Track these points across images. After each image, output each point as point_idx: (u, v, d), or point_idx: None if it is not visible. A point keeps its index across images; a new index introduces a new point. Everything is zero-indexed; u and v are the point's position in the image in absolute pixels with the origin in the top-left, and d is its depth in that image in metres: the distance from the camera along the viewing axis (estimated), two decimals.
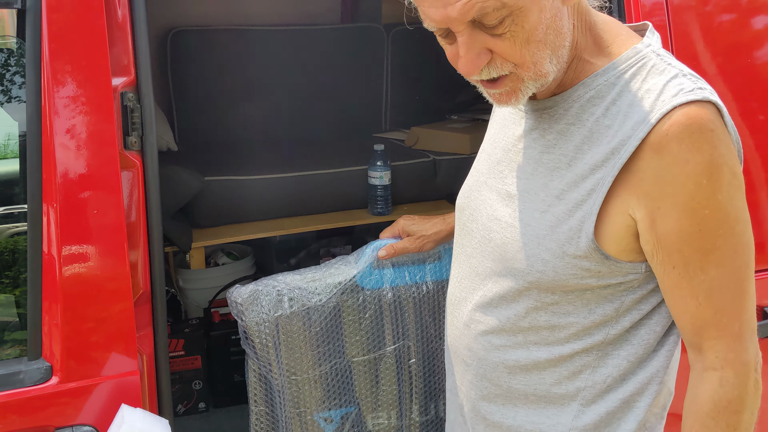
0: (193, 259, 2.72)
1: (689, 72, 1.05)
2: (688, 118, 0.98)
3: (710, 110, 0.99)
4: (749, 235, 1.05)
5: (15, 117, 1.52)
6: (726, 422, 1.08)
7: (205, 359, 2.58)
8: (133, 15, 1.36)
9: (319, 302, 1.53)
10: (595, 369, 1.16)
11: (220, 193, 2.54)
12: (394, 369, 1.63)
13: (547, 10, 0.99)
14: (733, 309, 1.04)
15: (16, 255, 1.52)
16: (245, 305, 1.49)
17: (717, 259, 1.02)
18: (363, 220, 2.69)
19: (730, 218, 1.02)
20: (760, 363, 1.09)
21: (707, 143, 0.98)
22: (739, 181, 1.03)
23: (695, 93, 0.99)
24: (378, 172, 2.61)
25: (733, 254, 1.02)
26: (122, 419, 1.27)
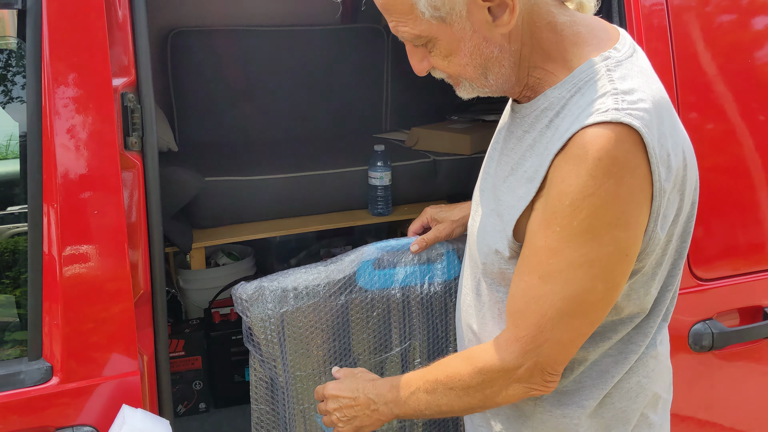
0: (193, 259, 2.72)
1: (625, 89, 1.04)
2: (584, 141, 1.01)
3: (616, 135, 1.00)
4: (582, 272, 1.05)
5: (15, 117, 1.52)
6: (445, 389, 1.19)
7: (205, 360, 2.58)
8: (134, 15, 1.36)
9: (326, 298, 1.52)
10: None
11: (221, 193, 2.54)
12: (399, 369, 1.63)
13: (467, 41, 1.09)
14: (534, 321, 1.09)
15: (16, 255, 1.52)
16: (250, 301, 1.48)
17: (545, 275, 1.07)
18: (363, 220, 2.69)
19: (570, 248, 1.05)
20: (524, 382, 1.13)
21: (588, 172, 1.01)
22: (599, 217, 1.02)
23: (608, 114, 1.00)
24: (378, 173, 2.61)
25: (562, 279, 1.06)
26: (123, 420, 1.27)
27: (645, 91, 1.05)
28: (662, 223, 1.08)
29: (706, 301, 1.71)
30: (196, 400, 2.58)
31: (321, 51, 3.41)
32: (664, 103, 1.08)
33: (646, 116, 1.01)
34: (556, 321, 1.08)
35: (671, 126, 1.08)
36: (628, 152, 1.00)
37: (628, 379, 1.22)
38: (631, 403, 1.23)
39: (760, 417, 1.86)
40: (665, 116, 1.06)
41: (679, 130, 1.12)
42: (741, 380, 1.80)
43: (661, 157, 1.03)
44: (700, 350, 1.69)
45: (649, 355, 1.23)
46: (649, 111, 1.02)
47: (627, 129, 1.00)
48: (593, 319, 1.11)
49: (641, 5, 1.62)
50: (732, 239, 1.76)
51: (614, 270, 1.06)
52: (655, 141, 1.02)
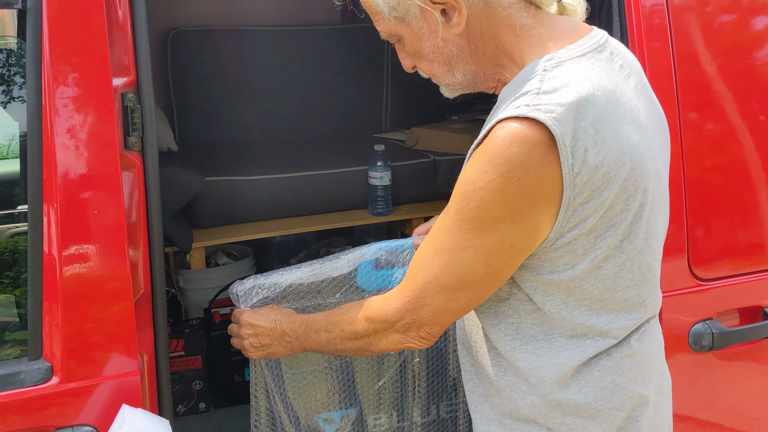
0: (193, 259, 2.72)
1: (549, 88, 1.08)
2: (490, 136, 1.09)
3: (516, 134, 1.05)
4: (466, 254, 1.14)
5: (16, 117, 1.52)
6: (339, 331, 1.33)
7: (205, 359, 2.58)
8: (134, 15, 1.36)
9: (322, 298, 1.53)
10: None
11: (221, 193, 2.54)
12: (397, 368, 1.63)
13: (426, 40, 1.20)
14: (419, 285, 1.20)
15: (16, 255, 1.52)
16: (246, 298, 1.48)
17: (436, 249, 1.18)
18: (363, 220, 2.69)
19: (458, 231, 1.14)
20: (400, 334, 1.25)
21: (481, 166, 1.09)
22: (484, 209, 1.10)
23: (519, 109, 1.06)
24: (378, 173, 2.61)
25: (448, 245, 1.15)
26: (123, 419, 1.27)
27: (572, 89, 1.08)
28: (576, 216, 1.10)
29: (706, 301, 1.71)
30: (195, 400, 2.58)
31: (321, 51, 3.41)
32: (599, 103, 1.09)
33: (559, 110, 1.05)
34: (437, 290, 1.18)
35: (605, 125, 1.09)
36: (521, 153, 1.05)
37: (601, 377, 1.23)
38: (606, 402, 1.23)
39: (761, 417, 1.86)
40: (594, 115, 1.08)
41: (623, 131, 1.12)
42: (741, 380, 1.80)
43: (574, 151, 1.06)
44: (700, 350, 1.69)
45: (622, 353, 1.23)
46: (566, 106, 1.06)
47: (533, 126, 1.05)
48: (473, 296, 1.20)
49: (641, 5, 1.62)
50: (732, 239, 1.76)
51: (496, 258, 1.14)
52: (567, 134, 1.05)
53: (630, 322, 1.23)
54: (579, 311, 1.20)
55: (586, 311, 1.20)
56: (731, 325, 1.74)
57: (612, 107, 1.12)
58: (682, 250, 1.66)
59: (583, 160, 1.07)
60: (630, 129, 1.14)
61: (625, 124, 1.14)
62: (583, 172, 1.08)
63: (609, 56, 1.19)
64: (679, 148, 1.64)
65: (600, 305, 1.20)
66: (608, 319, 1.21)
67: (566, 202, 1.09)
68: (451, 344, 1.66)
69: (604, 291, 1.19)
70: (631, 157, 1.12)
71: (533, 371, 1.23)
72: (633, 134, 1.15)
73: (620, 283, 1.20)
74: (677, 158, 1.64)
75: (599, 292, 1.19)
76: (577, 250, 1.14)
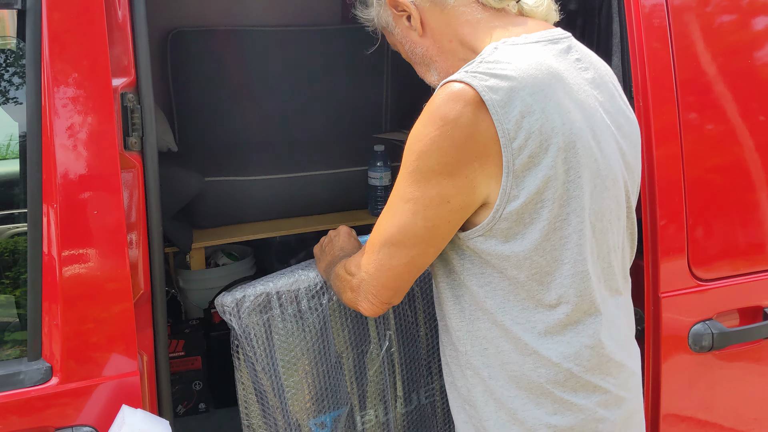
0: (193, 259, 2.72)
1: (491, 60, 1.18)
2: (433, 96, 1.18)
3: (452, 93, 1.15)
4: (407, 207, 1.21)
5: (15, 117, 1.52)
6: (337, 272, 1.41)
7: (205, 360, 2.58)
8: (133, 15, 1.36)
9: (308, 301, 1.54)
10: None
11: (221, 193, 2.54)
12: (378, 360, 1.64)
13: (403, 44, 1.39)
14: (371, 241, 1.28)
15: (16, 255, 1.52)
16: (234, 310, 1.49)
17: (387, 205, 1.26)
18: (363, 220, 2.69)
19: (402, 185, 1.22)
20: (354, 292, 1.32)
21: (421, 122, 1.18)
22: (422, 160, 1.17)
23: (458, 74, 1.17)
24: (378, 173, 2.61)
25: (398, 188, 1.23)
26: (123, 420, 1.27)
27: (514, 63, 1.17)
28: (520, 183, 1.16)
29: (705, 301, 1.71)
30: (195, 401, 2.58)
31: (321, 51, 3.41)
32: (540, 77, 1.17)
33: (493, 80, 1.14)
34: (383, 244, 1.25)
35: (544, 96, 1.16)
36: (455, 110, 1.14)
37: (558, 362, 1.26)
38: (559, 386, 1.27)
39: (761, 417, 1.86)
40: (533, 86, 1.16)
41: (564, 106, 1.19)
42: (741, 381, 1.80)
43: (508, 116, 1.13)
44: (700, 351, 1.69)
45: (582, 343, 1.26)
46: (501, 77, 1.15)
47: (467, 89, 1.14)
48: (414, 254, 1.24)
49: (641, 5, 1.61)
50: (732, 239, 1.76)
51: (434, 212, 1.19)
52: (500, 100, 1.13)
53: (580, 298, 1.25)
54: (530, 284, 1.23)
55: (536, 285, 1.23)
56: (731, 325, 1.74)
57: (555, 83, 1.19)
58: (681, 251, 1.66)
59: (518, 126, 1.14)
60: (572, 107, 1.20)
61: (567, 101, 1.20)
62: (520, 137, 1.14)
63: (565, 48, 1.28)
64: (679, 148, 1.64)
65: (550, 278, 1.23)
66: (557, 293, 1.24)
67: (507, 166, 1.15)
68: (422, 328, 1.67)
69: (553, 263, 1.23)
70: (572, 131, 1.18)
71: (491, 344, 1.27)
72: (576, 112, 1.20)
73: (567, 256, 1.23)
74: (677, 158, 1.64)
75: (548, 263, 1.22)
76: (525, 219, 1.19)
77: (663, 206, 1.62)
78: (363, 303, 1.31)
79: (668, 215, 1.63)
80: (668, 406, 1.69)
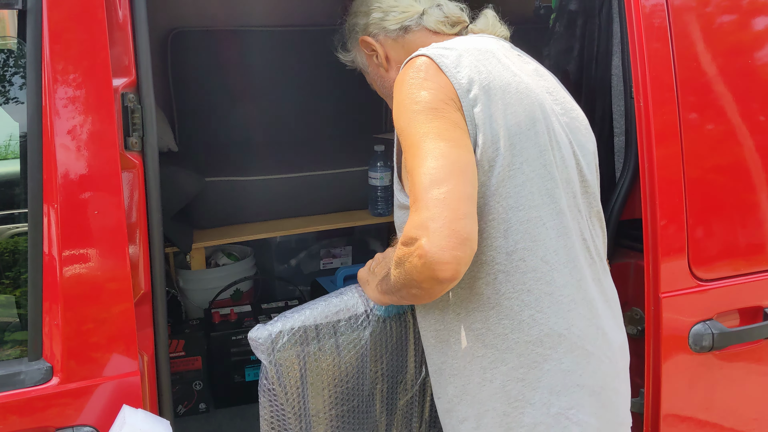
0: (193, 259, 2.72)
1: (439, 44, 1.37)
2: (398, 74, 1.36)
3: (411, 62, 1.34)
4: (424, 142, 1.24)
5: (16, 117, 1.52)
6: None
7: (205, 360, 2.58)
8: (134, 15, 1.36)
9: (349, 335, 1.44)
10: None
11: (221, 193, 2.54)
12: (411, 391, 1.58)
13: (375, 81, 1.64)
14: (414, 194, 1.23)
15: (16, 255, 1.52)
16: (268, 347, 1.39)
17: (407, 156, 1.27)
18: (363, 221, 2.69)
19: (405, 130, 1.28)
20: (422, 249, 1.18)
21: (401, 79, 1.33)
22: (413, 109, 1.28)
23: (417, 52, 1.36)
24: (378, 173, 2.61)
25: (408, 144, 1.27)
26: (123, 420, 1.27)
27: (457, 43, 1.37)
28: (477, 127, 1.28)
29: (706, 301, 1.71)
30: (196, 401, 2.58)
31: (321, 51, 3.40)
32: (484, 49, 1.36)
33: (442, 50, 1.33)
34: (428, 185, 1.20)
35: (488, 63, 1.33)
36: (419, 69, 1.31)
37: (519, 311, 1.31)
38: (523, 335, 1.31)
39: (761, 418, 1.86)
40: (477, 55, 1.34)
41: (510, 70, 1.35)
42: (741, 381, 1.80)
43: (459, 74, 1.30)
44: (701, 351, 1.69)
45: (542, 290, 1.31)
46: (451, 49, 1.34)
47: (423, 57, 1.33)
48: (457, 174, 1.21)
49: (641, 6, 1.62)
50: (732, 239, 1.76)
51: (450, 133, 1.25)
52: (451, 63, 1.31)
53: (534, 243, 1.29)
54: (487, 234, 1.28)
55: (494, 233, 1.28)
56: (731, 325, 1.74)
57: (497, 57, 1.36)
58: (682, 251, 1.66)
59: (470, 80, 1.29)
60: (515, 73, 1.35)
61: (512, 67, 1.36)
62: (474, 89, 1.29)
63: (509, 45, 1.47)
64: (678, 148, 1.64)
65: (506, 226, 1.28)
66: (514, 240, 1.28)
67: (467, 114, 1.28)
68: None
69: (509, 210, 1.28)
70: (518, 89, 1.32)
71: (461, 303, 1.33)
72: (522, 76, 1.35)
73: (522, 203, 1.28)
74: (677, 158, 1.64)
75: (504, 210, 1.28)
76: (484, 165, 1.28)
77: (663, 206, 1.62)
78: (441, 255, 1.15)
79: (668, 215, 1.63)
80: (668, 406, 1.69)
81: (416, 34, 1.50)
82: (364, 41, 1.55)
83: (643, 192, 1.62)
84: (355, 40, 1.60)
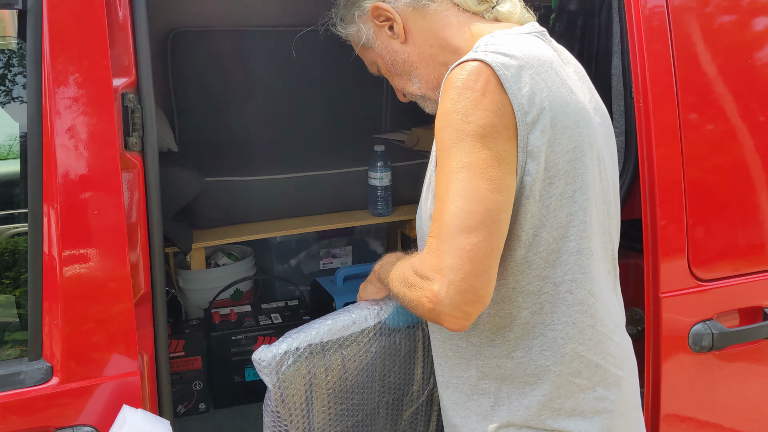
0: (193, 259, 2.72)
1: (495, 43, 1.22)
2: (449, 76, 1.20)
3: (470, 68, 1.17)
4: (462, 175, 1.15)
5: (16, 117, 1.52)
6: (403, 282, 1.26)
7: (205, 360, 2.58)
8: (134, 15, 1.36)
9: (357, 350, 1.42)
10: None
11: (221, 193, 2.54)
12: (417, 402, 1.57)
13: (385, 56, 1.42)
14: (435, 234, 1.17)
15: (16, 255, 1.52)
16: (272, 368, 1.35)
17: (439, 193, 1.19)
18: (363, 221, 2.69)
19: (448, 160, 1.17)
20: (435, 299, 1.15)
21: (447, 96, 1.18)
22: (462, 129, 1.16)
23: (470, 55, 1.20)
24: (378, 173, 2.61)
25: (446, 168, 1.17)
26: (123, 420, 1.27)
27: (515, 48, 1.21)
28: (531, 157, 1.18)
29: (706, 301, 1.71)
30: (195, 401, 2.58)
31: (321, 51, 3.41)
32: (543, 60, 1.23)
33: (503, 57, 1.18)
34: (455, 230, 1.14)
35: (548, 77, 1.21)
36: (477, 80, 1.16)
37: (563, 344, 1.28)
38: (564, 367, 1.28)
39: (761, 418, 1.86)
40: (537, 67, 1.21)
41: (569, 87, 1.24)
42: (741, 381, 1.80)
43: (521, 93, 1.17)
44: (700, 351, 1.69)
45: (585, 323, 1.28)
46: (511, 56, 1.18)
47: (482, 64, 1.17)
48: (490, 223, 1.14)
49: (641, 6, 1.62)
50: (732, 239, 1.76)
51: (492, 172, 1.15)
52: (512, 76, 1.17)
53: (584, 275, 1.26)
54: (536, 264, 1.23)
55: (542, 264, 1.23)
56: (731, 325, 1.74)
57: (555, 69, 1.24)
58: (682, 251, 1.66)
59: (531, 101, 1.17)
60: (575, 89, 1.26)
61: (570, 83, 1.26)
62: (533, 112, 1.17)
63: (549, 41, 1.33)
64: (678, 148, 1.64)
65: (556, 256, 1.24)
66: (562, 270, 1.24)
67: (521, 140, 1.17)
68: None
69: (559, 240, 1.23)
70: (575, 110, 1.23)
71: (498, 330, 1.27)
72: (578, 93, 1.27)
73: (574, 233, 1.24)
74: (677, 159, 1.64)
75: (555, 240, 1.23)
76: (535, 194, 1.20)
77: (663, 206, 1.62)
78: (451, 310, 1.13)
79: (668, 215, 1.63)
80: (668, 406, 1.69)
81: (441, 5, 1.34)
82: (376, 9, 1.37)
83: (643, 192, 1.62)
84: (361, 8, 1.42)
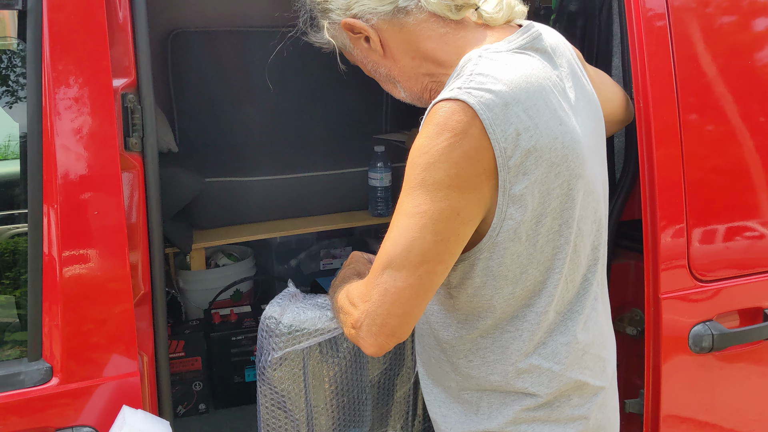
0: (193, 260, 2.72)
1: (480, 72, 1.14)
2: (430, 112, 1.15)
3: (453, 107, 1.11)
4: (414, 221, 1.15)
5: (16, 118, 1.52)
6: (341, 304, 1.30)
7: (205, 360, 2.58)
8: (134, 16, 1.36)
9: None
10: None
11: (221, 194, 2.54)
12: (409, 383, 1.61)
13: (365, 64, 1.36)
14: (374, 266, 1.19)
15: (16, 256, 1.52)
16: (279, 328, 1.40)
17: (390, 227, 1.19)
18: (363, 221, 2.69)
19: (407, 200, 1.16)
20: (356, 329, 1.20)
21: (425, 134, 1.14)
22: (429, 175, 1.13)
23: (453, 92, 1.13)
24: (378, 174, 2.61)
25: (404, 205, 1.17)
26: (123, 421, 1.27)
27: (502, 79, 1.13)
28: (515, 202, 1.15)
29: (706, 302, 1.71)
30: (195, 401, 2.58)
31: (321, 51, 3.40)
32: (532, 90, 1.15)
33: (488, 96, 1.11)
34: (386, 266, 1.16)
35: (537, 111, 1.15)
36: (459, 122, 1.10)
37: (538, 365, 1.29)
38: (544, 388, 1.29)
39: (761, 418, 1.86)
40: (526, 100, 1.14)
41: (558, 117, 1.18)
42: (741, 382, 1.80)
43: (505, 135, 1.11)
44: (700, 352, 1.69)
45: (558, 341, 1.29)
46: (495, 93, 1.11)
47: (465, 106, 1.11)
48: (422, 272, 1.15)
49: (641, 7, 1.61)
50: (732, 240, 1.76)
51: (444, 225, 1.13)
52: (496, 118, 1.11)
53: (562, 300, 1.28)
54: (522, 296, 1.24)
55: (527, 294, 1.24)
56: (731, 326, 1.74)
57: (546, 95, 1.17)
58: (682, 252, 1.66)
59: (515, 144, 1.12)
60: (564, 116, 1.20)
61: (559, 111, 1.19)
62: (516, 155, 1.13)
63: (543, 48, 1.25)
64: (678, 149, 1.64)
65: (541, 287, 1.25)
66: (546, 300, 1.25)
67: (503, 185, 1.14)
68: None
69: (545, 272, 1.24)
70: (564, 143, 1.18)
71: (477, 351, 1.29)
72: (568, 121, 1.20)
73: (558, 265, 1.24)
74: (677, 159, 1.64)
75: (540, 274, 1.24)
76: (521, 237, 1.18)
77: (663, 207, 1.62)
78: (367, 339, 1.19)
79: (668, 216, 1.63)
80: (668, 407, 1.69)
81: (419, 17, 1.25)
82: (347, 24, 1.29)
83: (643, 193, 1.62)
84: (329, 19, 1.36)
